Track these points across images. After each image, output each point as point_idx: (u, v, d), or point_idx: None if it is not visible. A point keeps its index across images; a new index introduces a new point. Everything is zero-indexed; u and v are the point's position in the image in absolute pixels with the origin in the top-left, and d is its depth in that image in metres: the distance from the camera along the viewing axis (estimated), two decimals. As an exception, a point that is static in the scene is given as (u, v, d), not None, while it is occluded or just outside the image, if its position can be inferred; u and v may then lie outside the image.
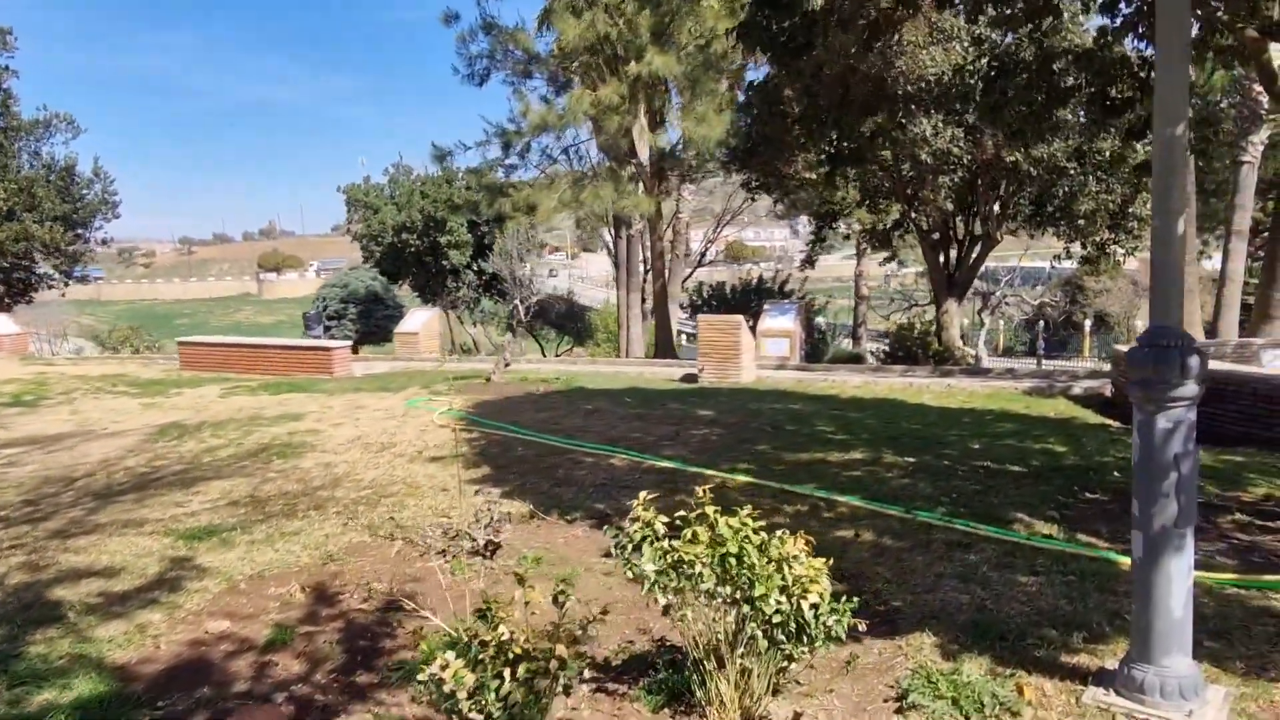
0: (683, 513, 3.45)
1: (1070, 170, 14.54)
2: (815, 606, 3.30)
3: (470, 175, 24.72)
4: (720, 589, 3.28)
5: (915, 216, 17.19)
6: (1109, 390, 12.03)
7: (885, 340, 25.17)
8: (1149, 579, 3.36)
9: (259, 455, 8.18)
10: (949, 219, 17.54)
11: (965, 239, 17.63)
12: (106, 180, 33.23)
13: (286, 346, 16.26)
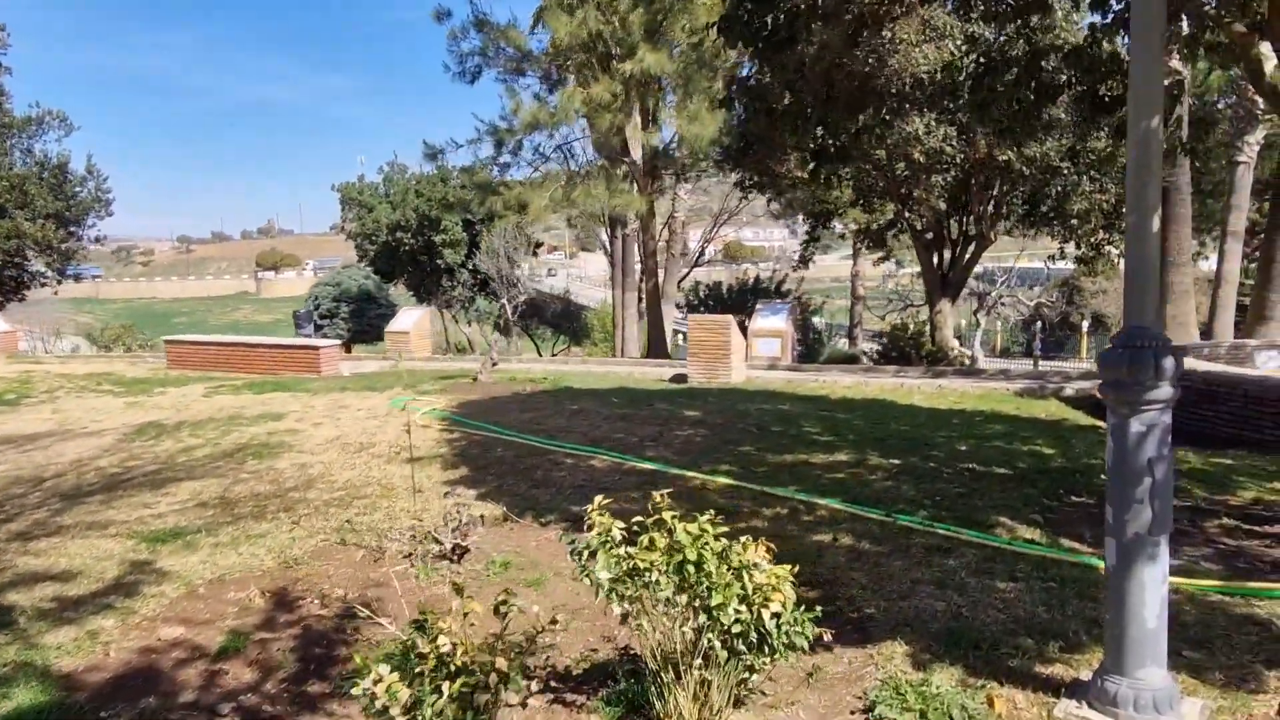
0: (639, 518, 3.33)
1: (1064, 169, 14.42)
2: (777, 616, 3.18)
3: (463, 173, 24.59)
4: (678, 598, 3.16)
5: (909, 216, 17.07)
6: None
7: (881, 340, 25.05)
8: (1122, 588, 3.24)
9: (234, 456, 8.06)
10: (942, 219, 17.42)
11: (959, 239, 17.51)
12: (100, 178, 33.00)
13: (274, 345, 16.13)
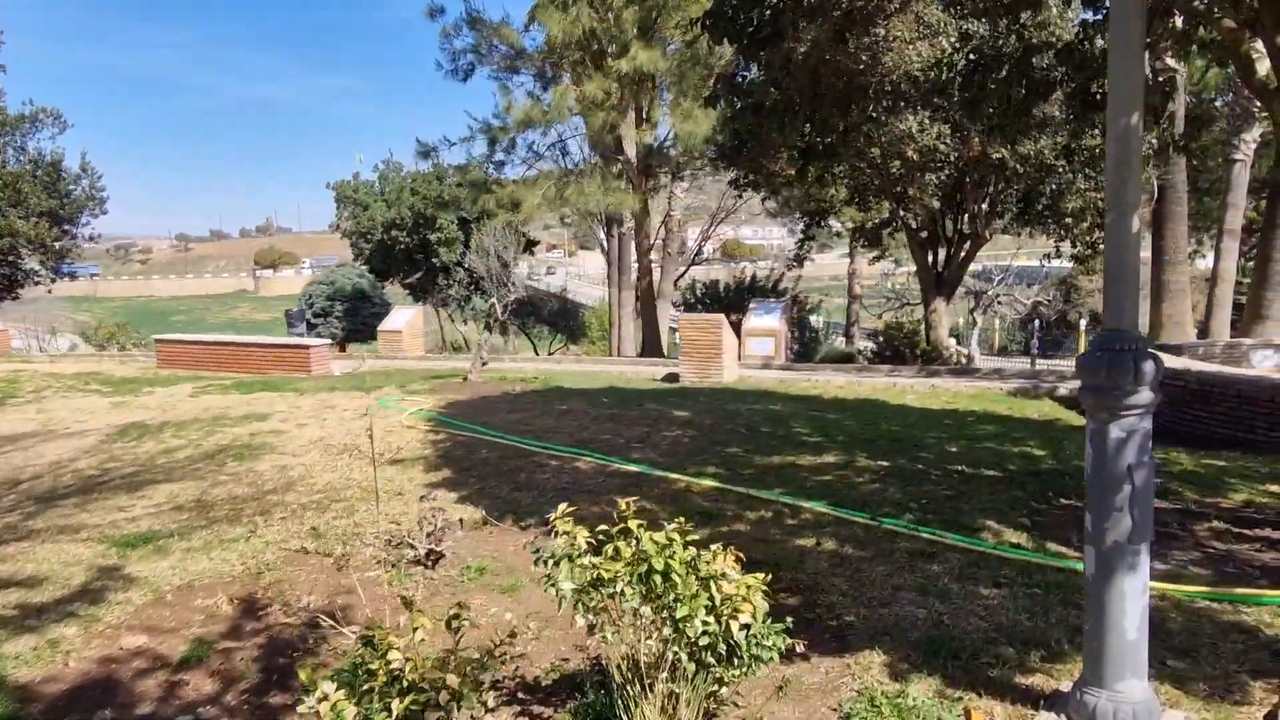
0: (604, 527, 3.24)
1: (1058, 168, 14.31)
2: (747, 628, 3.09)
3: (457, 171, 24.48)
4: (643, 609, 3.07)
5: (904, 214, 16.96)
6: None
7: (877, 339, 24.96)
8: (1102, 598, 3.15)
9: (215, 457, 7.96)
10: (937, 217, 17.31)
11: (954, 237, 17.41)
12: (94, 175, 32.91)
13: (264, 345, 16.03)
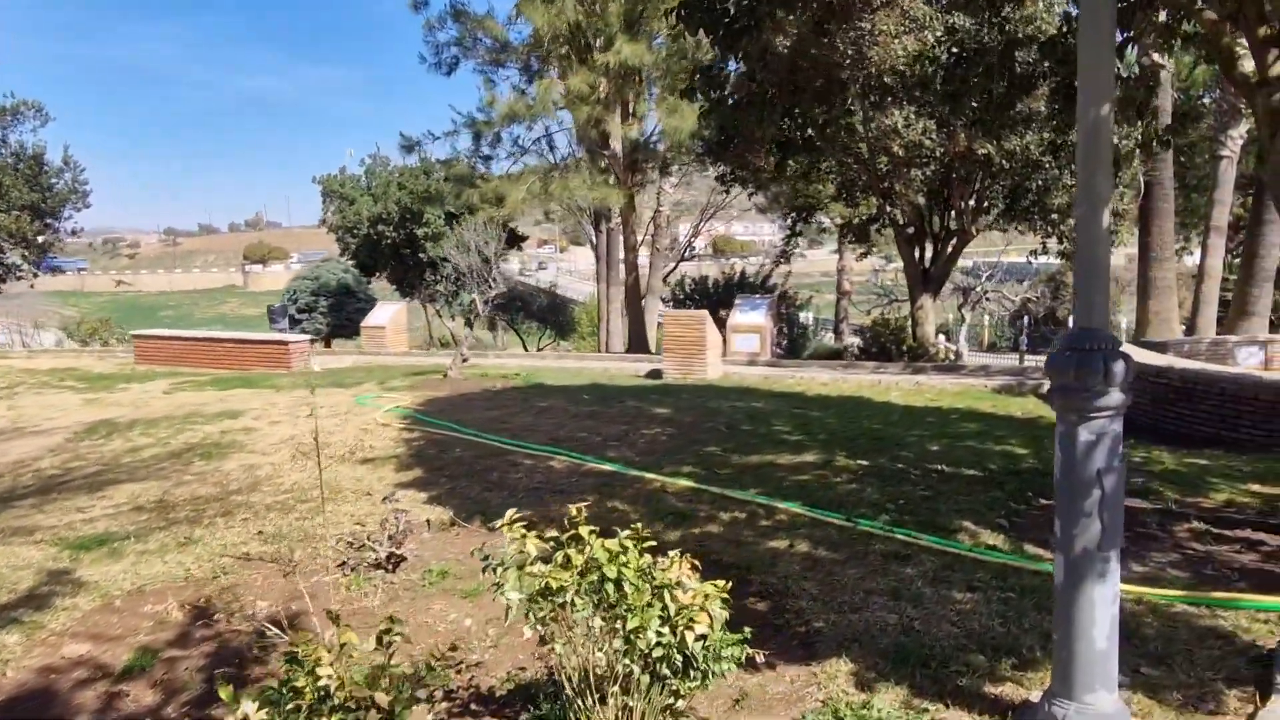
0: (553, 533, 3.11)
1: (1045, 164, 14.22)
2: (703, 638, 2.96)
3: (441, 166, 24.25)
4: (594, 620, 2.94)
5: (891, 210, 16.87)
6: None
7: (865, 335, 24.86)
8: (1071, 606, 3.04)
9: (181, 456, 7.80)
10: (923, 213, 17.21)
11: (941, 233, 17.31)
12: (77, 169, 32.59)
13: (243, 341, 15.83)
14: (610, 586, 2.97)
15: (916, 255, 17.83)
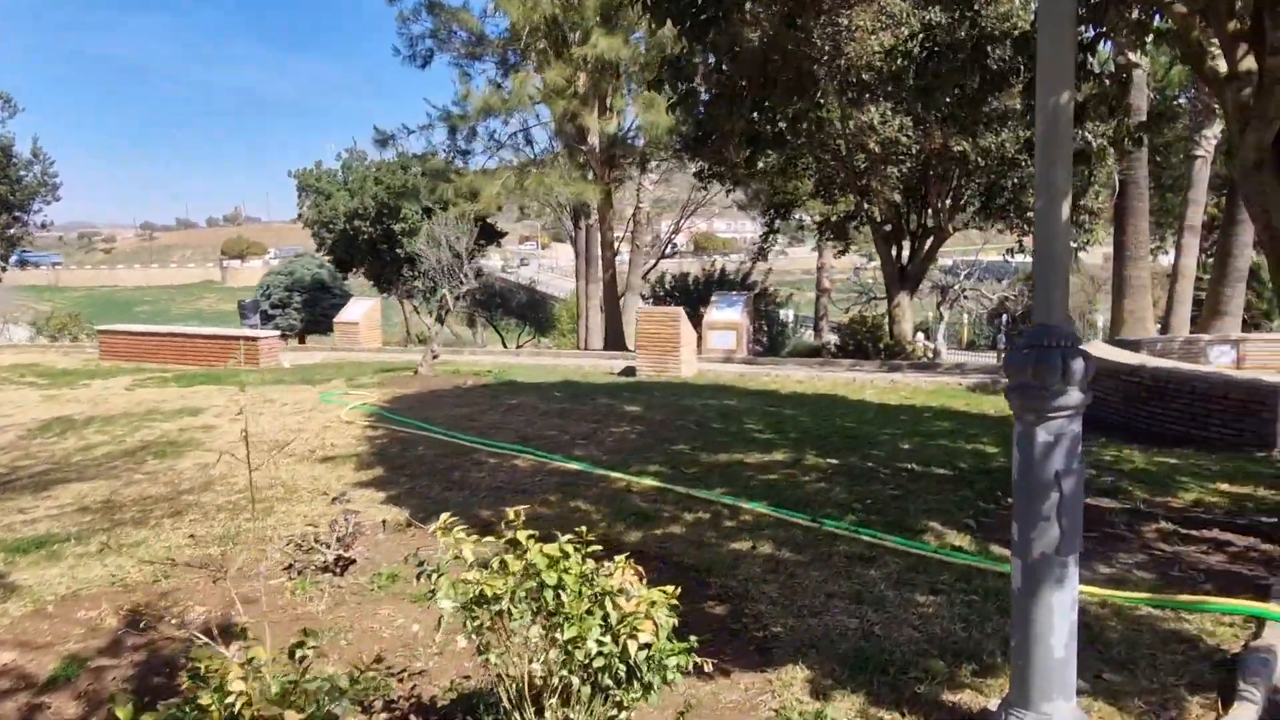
0: (491, 539, 2.97)
1: (1020, 161, 14.22)
2: (647, 647, 2.83)
3: (417, 160, 23.96)
4: (531, 630, 2.80)
5: (868, 208, 16.82)
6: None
7: (842, 333, 24.83)
8: (1028, 613, 2.93)
9: (135, 454, 7.58)
10: (900, 210, 17.19)
11: (918, 231, 17.30)
12: (46, 161, 32.05)
13: (211, 336, 15.54)
14: (549, 594, 2.83)
15: (894, 253, 17.81)
